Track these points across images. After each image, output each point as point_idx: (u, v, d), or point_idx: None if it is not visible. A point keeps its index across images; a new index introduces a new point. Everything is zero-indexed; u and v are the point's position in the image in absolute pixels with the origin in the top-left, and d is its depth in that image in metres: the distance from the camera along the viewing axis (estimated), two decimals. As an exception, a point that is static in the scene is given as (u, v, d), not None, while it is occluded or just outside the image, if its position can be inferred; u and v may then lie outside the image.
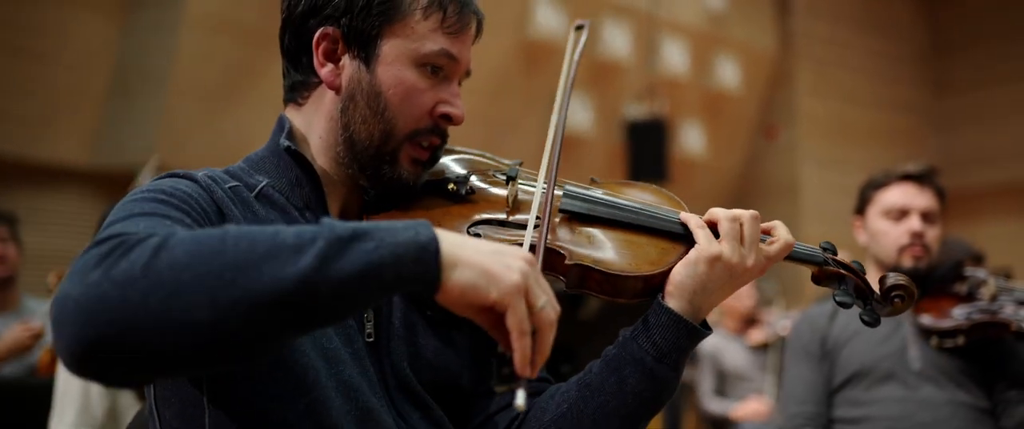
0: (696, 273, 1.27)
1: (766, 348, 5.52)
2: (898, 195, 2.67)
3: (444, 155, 1.41)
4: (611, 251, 1.30)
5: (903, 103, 12.04)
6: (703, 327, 1.30)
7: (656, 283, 1.29)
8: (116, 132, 7.21)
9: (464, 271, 0.97)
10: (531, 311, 0.98)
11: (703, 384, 5.51)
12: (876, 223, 2.69)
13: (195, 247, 0.91)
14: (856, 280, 1.38)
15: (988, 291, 2.56)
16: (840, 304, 1.36)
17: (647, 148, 8.57)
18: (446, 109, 1.30)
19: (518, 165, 1.42)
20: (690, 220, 1.32)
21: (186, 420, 1.19)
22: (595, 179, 1.47)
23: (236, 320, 0.89)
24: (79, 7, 6.98)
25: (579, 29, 1.45)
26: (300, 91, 1.34)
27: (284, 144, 1.29)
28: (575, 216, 1.33)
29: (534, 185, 1.33)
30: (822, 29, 11.36)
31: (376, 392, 1.23)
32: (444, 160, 1.41)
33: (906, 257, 2.62)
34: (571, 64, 1.38)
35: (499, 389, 1.02)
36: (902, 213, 2.65)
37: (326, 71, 1.29)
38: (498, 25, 7.71)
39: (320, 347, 1.19)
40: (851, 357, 2.62)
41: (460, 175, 1.38)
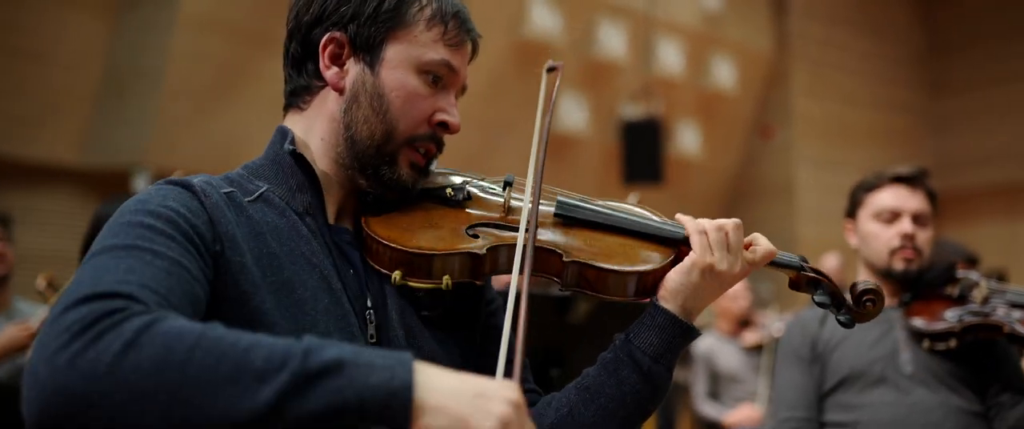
0: (690, 280, 1.34)
1: (760, 350, 5.52)
2: (889, 197, 2.64)
3: (438, 177, 1.46)
4: (606, 251, 1.37)
5: (899, 104, 12.04)
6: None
7: (649, 283, 1.36)
8: (109, 132, 7.20)
9: (438, 418, 0.95)
10: None
11: (697, 386, 5.50)
12: (867, 226, 2.66)
13: (164, 353, 0.94)
14: (830, 286, 1.47)
15: (980, 293, 2.54)
16: (819, 304, 1.47)
17: (643, 148, 8.57)
18: (443, 117, 1.36)
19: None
20: (688, 224, 1.38)
21: None
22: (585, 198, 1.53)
23: None
24: (72, 7, 6.97)
25: (552, 71, 1.46)
26: (302, 96, 1.38)
27: (289, 148, 1.33)
28: (570, 220, 1.41)
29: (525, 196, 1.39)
30: (818, 30, 11.37)
31: None
32: (439, 173, 1.46)
33: (897, 260, 2.59)
34: (548, 106, 1.39)
35: None
36: (893, 215, 2.62)
37: (331, 73, 1.34)
38: (493, 25, 7.70)
39: None
40: (842, 360, 2.59)
41: (457, 182, 1.44)
